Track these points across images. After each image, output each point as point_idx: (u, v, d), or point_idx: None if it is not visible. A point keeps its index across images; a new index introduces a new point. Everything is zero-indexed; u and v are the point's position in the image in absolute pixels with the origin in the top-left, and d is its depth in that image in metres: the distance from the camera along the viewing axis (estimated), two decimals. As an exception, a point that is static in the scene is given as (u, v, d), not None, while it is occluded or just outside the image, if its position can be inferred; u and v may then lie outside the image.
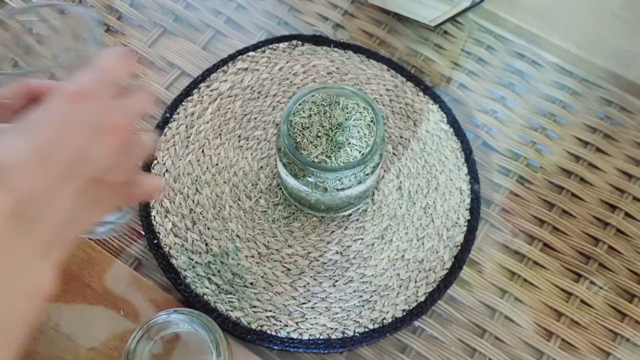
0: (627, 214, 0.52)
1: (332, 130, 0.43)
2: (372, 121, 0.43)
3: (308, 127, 0.42)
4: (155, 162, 0.51)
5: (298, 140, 0.42)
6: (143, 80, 0.55)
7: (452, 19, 0.55)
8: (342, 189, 0.43)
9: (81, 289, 0.47)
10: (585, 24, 0.58)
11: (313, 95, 0.43)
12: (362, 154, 0.42)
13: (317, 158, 0.42)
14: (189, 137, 0.52)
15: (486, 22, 0.59)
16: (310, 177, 0.42)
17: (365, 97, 0.42)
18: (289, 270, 0.47)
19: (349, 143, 0.42)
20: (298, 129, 0.42)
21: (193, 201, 0.49)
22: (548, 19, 0.58)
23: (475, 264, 0.49)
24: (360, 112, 0.43)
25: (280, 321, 0.45)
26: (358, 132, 0.42)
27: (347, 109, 0.43)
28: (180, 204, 0.49)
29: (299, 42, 0.55)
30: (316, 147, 0.42)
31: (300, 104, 0.43)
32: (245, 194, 0.50)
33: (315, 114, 0.43)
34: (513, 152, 0.54)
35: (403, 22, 0.58)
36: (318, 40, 0.56)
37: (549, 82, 0.57)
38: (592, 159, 0.54)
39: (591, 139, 0.54)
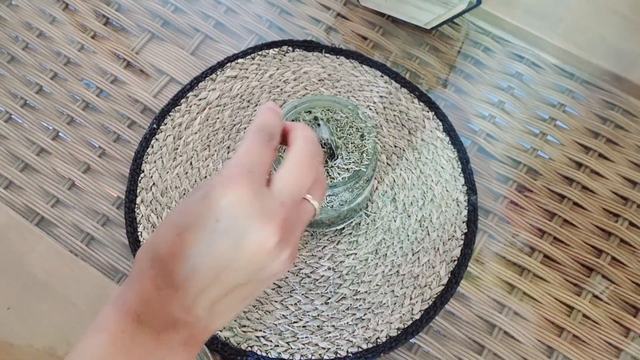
0: (631, 224, 0.50)
1: (321, 146, 0.41)
2: (362, 136, 0.41)
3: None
4: (142, 175, 0.49)
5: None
6: (130, 87, 0.54)
7: (449, 21, 0.53)
8: (332, 206, 0.41)
9: (67, 308, 0.46)
10: (586, 23, 0.56)
11: (302, 110, 0.41)
12: (353, 171, 0.40)
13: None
14: (177, 148, 0.50)
15: (483, 23, 0.57)
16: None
17: (356, 111, 0.40)
18: (279, 287, 0.45)
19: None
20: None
21: (181, 216, 0.48)
22: (548, 19, 0.56)
23: (473, 276, 0.48)
24: (350, 127, 0.41)
25: (271, 341, 0.44)
26: (347, 147, 0.41)
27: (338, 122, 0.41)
28: (167, 219, 0.48)
29: (290, 48, 0.53)
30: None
31: (287, 119, 0.41)
32: (234, 208, 0.48)
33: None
34: (512, 159, 0.52)
35: (397, 24, 0.56)
36: (309, 45, 0.54)
37: (549, 85, 0.55)
38: (594, 165, 0.52)
39: (593, 144, 0.52)
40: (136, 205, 0.48)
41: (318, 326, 0.44)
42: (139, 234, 0.47)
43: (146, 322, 0.28)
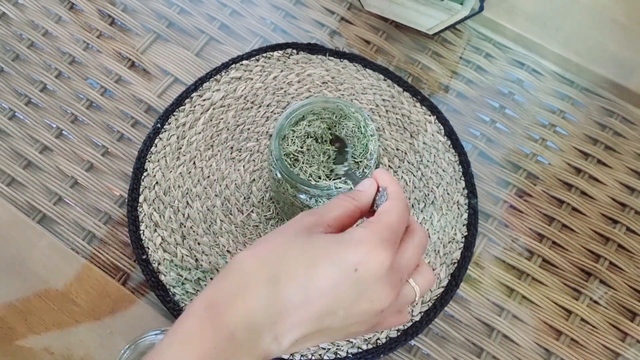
0: (628, 229, 0.50)
1: (329, 143, 0.41)
2: (364, 139, 0.41)
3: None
4: (145, 174, 0.49)
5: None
6: (135, 87, 0.54)
7: (451, 27, 0.54)
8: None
9: (67, 306, 0.46)
10: (586, 31, 0.57)
11: (307, 111, 0.42)
12: (355, 171, 0.40)
13: (310, 175, 0.40)
14: (180, 148, 0.50)
15: (485, 29, 0.57)
16: (302, 194, 0.41)
17: (358, 113, 0.41)
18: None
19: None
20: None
21: (183, 215, 0.48)
22: (548, 27, 0.57)
23: (472, 279, 0.48)
24: (354, 128, 0.42)
25: (272, 340, 0.44)
26: (349, 150, 0.41)
27: (342, 124, 0.42)
28: (170, 217, 0.48)
29: (294, 51, 0.54)
30: (310, 164, 0.41)
31: (291, 120, 0.42)
32: (237, 208, 0.48)
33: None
34: (512, 163, 0.53)
35: (401, 28, 0.57)
36: (313, 48, 0.54)
37: (549, 92, 0.55)
38: (593, 171, 0.52)
39: (592, 150, 0.53)
40: (139, 204, 0.48)
41: (319, 326, 0.45)
42: (141, 232, 0.47)
43: (239, 339, 0.28)
